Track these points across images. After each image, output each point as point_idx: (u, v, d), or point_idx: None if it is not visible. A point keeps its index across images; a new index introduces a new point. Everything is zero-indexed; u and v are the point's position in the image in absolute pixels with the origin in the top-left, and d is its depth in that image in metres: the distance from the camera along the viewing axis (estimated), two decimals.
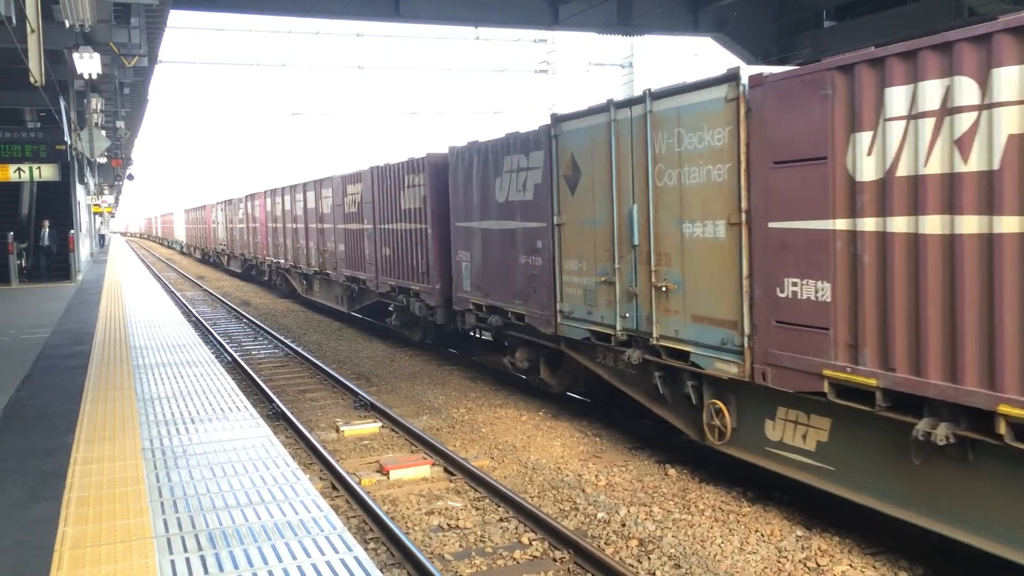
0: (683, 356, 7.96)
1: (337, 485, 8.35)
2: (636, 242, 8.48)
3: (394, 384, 13.39)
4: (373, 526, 7.25)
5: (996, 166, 5.12)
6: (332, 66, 61.85)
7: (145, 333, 11.77)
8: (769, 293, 6.87)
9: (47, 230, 22.47)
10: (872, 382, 5.96)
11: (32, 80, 9.18)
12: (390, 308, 16.79)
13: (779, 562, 6.39)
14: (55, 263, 22.41)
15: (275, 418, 11.02)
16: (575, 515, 7.48)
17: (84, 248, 28.62)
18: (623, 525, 7.16)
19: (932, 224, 5.52)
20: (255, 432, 6.29)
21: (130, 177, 46.07)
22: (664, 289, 8.08)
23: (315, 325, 21.00)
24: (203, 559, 3.99)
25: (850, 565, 6.28)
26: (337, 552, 4.04)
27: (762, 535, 6.89)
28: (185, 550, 4.10)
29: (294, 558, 3.98)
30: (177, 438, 6.15)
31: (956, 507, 5.70)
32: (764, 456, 7.43)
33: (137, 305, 15.56)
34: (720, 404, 7.77)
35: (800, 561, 6.39)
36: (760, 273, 6.95)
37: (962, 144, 5.32)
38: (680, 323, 7.94)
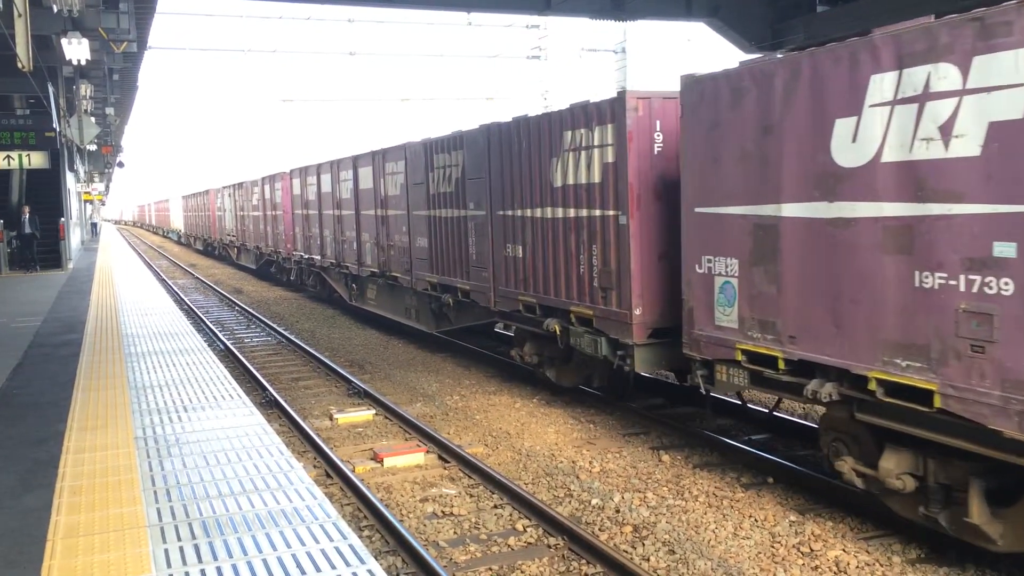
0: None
1: (331, 473, 8.34)
2: None
3: (388, 371, 13.37)
4: (367, 513, 7.24)
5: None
6: (323, 52, 61.50)
7: (137, 321, 11.72)
8: None
9: (27, 216, 21.66)
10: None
11: (20, 66, 9.09)
12: (514, 332, 11.62)
13: (773, 547, 6.41)
14: (40, 250, 22.17)
15: (268, 406, 11.00)
16: (569, 502, 7.49)
17: (75, 236, 28.45)
18: (617, 511, 7.17)
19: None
20: (248, 420, 6.27)
21: (120, 164, 45.81)
22: None
23: (308, 313, 20.94)
24: (196, 548, 3.97)
25: (843, 550, 6.31)
26: (331, 540, 4.03)
27: (756, 520, 6.91)
28: (179, 539, 4.09)
29: (288, 546, 3.96)
30: (170, 426, 6.13)
31: None
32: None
33: (129, 293, 15.49)
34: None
35: (794, 546, 6.41)
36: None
37: None
38: None
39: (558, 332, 9.86)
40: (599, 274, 9.09)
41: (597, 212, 9.03)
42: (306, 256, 21.88)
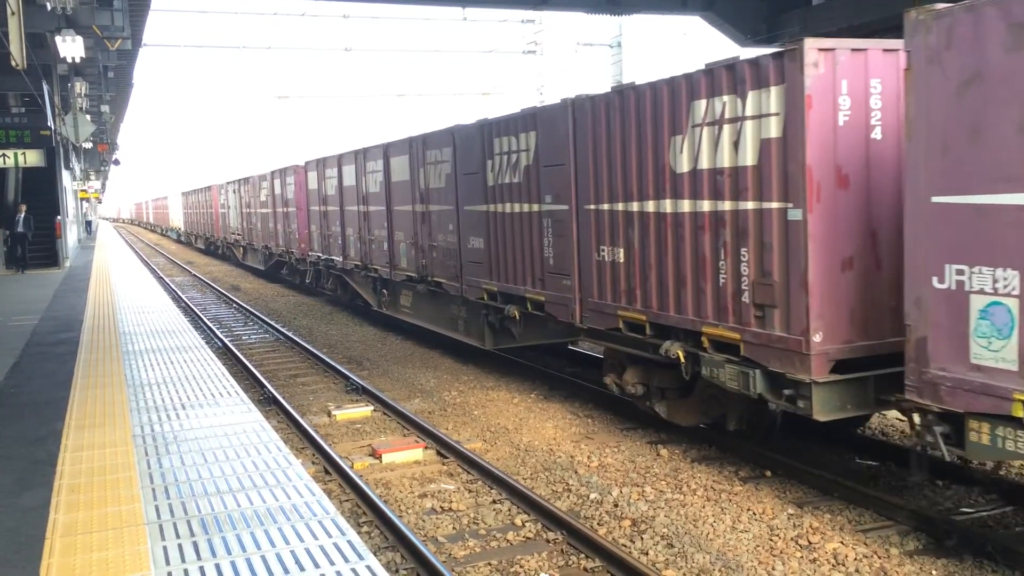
0: None
1: (329, 469, 8.35)
2: None
3: (385, 367, 13.37)
4: (366, 510, 7.25)
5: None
6: (318, 48, 61.38)
7: (134, 319, 11.71)
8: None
9: (22, 215, 21.22)
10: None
11: (14, 64, 9.07)
12: (604, 354, 9.63)
13: (771, 540, 6.43)
14: (35, 250, 22.03)
15: (266, 403, 11.00)
16: (568, 496, 7.50)
17: (71, 234, 28.40)
18: (616, 506, 7.18)
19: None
20: (246, 417, 6.27)
21: (116, 162, 45.71)
22: None
23: (305, 309, 20.93)
24: (195, 545, 3.98)
25: (841, 542, 6.32)
26: (330, 536, 4.03)
27: (754, 514, 6.92)
28: (177, 536, 4.09)
29: (287, 543, 3.97)
30: (168, 424, 6.12)
31: None
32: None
33: (126, 291, 15.47)
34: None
35: (792, 539, 6.43)
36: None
37: None
38: None
39: (682, 359, 7.77)
40: (754, 287, 6.95)
41: (750, 205, 6.94)
42: (324, 257, 19.52)
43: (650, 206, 8.14)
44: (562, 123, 9.43)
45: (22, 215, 21.28)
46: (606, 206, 8.81)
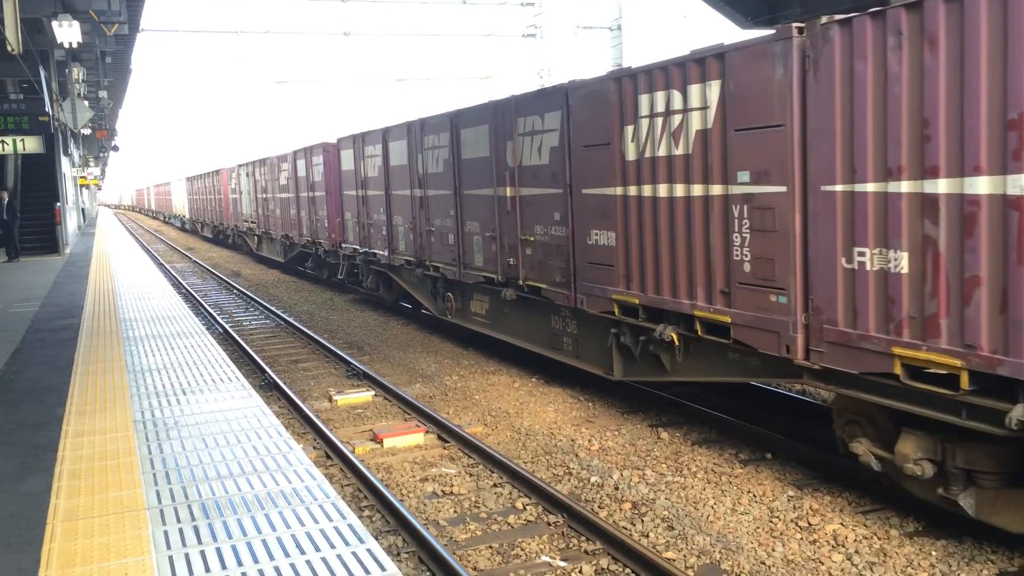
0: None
1: (331, 454, 8.37)
2: None
3: (386, 353, 13.38)
4: (367, 494, 7.27)
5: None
6: (317, 33, 61.11)
7: (135, 305, 11.71)
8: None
9: (6, 201, 20.41)
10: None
11: (10, 49, 9.03)
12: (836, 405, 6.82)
13: (771, 522, 6.45)
14: (29, 237, 21.80)
15: (267, 388, 11.02)
16: (569, 480, 7.51)
17: (71, 221, 28.38)
18: (616, 489, 7.20)
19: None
20: (247, 403, 6.28)
21: (115, 148, 45.63)
22: None
23: (306, 295, 20.94)
24: (196, 529, 3.99)
25: (841, 524, 6.34)
26: (331, 520, 4.04)
27: (754, 496, 6.94)
28: (178, 521, 4.10)
29: (288, 527, 3.98)
30: (168, 410, 6.13)
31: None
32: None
33: (126, 277, 15.47)
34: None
35: (792, 521, 6.45)
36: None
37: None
38: None
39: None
40: None
41: None
42: (363, 250, 16.71)
43: (981, 185, 5.13)
44: (777, 64, 6.54)
45: (5, 201, 20.49)
46: (873, 186, 5.84)
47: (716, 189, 7.32)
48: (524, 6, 30.95)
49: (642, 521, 6.52)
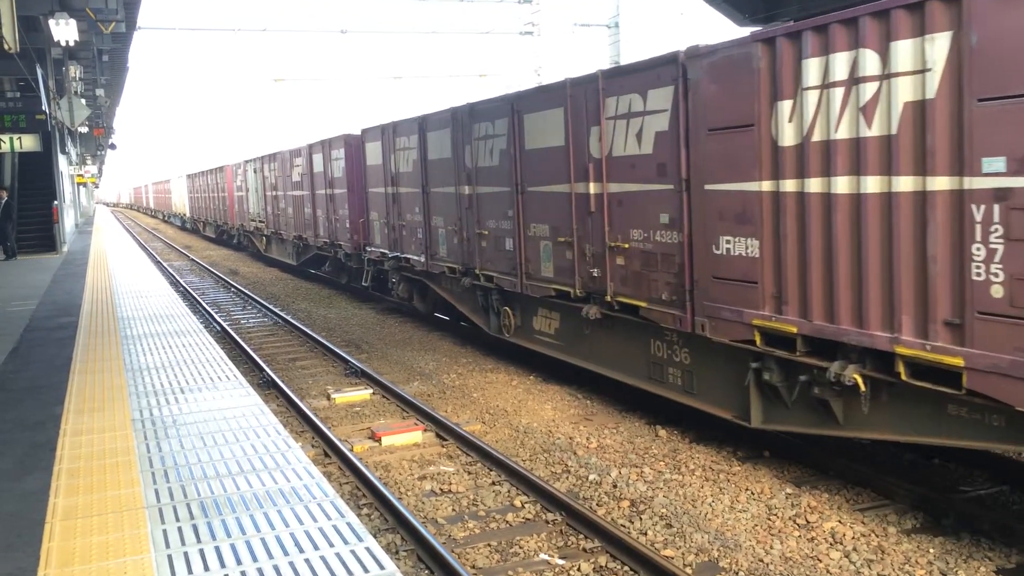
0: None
1: (329, 452, 8.37)
2: None
3: (384, 351, 13.38)
4: (366, 492, 7.27)
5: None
6: (314, 30, 61.03)
7: (133, 304, 11.70)
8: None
9: (3, 201, 20.11)
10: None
11: (6, 47, 9.01)
12: None
13: (769, 519, 6.46)
14: (27, 235, 21.73)
15: (265, 386, 11.01)
16: (567, 477, 7.52)
17: (69, 219, 28.34)
18: (614, 486, 7.21)
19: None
20: (245, 401, 6.28)
21: (112, 147, 45.58)
22: None
23: (304, 293, 20.92)
24: (195, 528, 3.99)
25: (839, 521, 6.35)
26: (330, 519, 4.04)
27: (752, 493, 6.95)
28: (177, 519, 4.10)
29: (287, 525, 3.98)
30: (167, 408, 6.13)
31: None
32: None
33: (124, 276, 15.45)
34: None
35: (790, 518, 6.46)
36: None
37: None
38: None
39: None
40: None
41: None
42: (392, 254, 14.92)
43: None
44: None
45: (3, 200, 20.25)
46: None
47: (940, 183, 5.47)
48: (521, 3, 30.94)
49: (640, 519, 6.53)
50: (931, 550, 5.90)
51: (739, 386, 7.48)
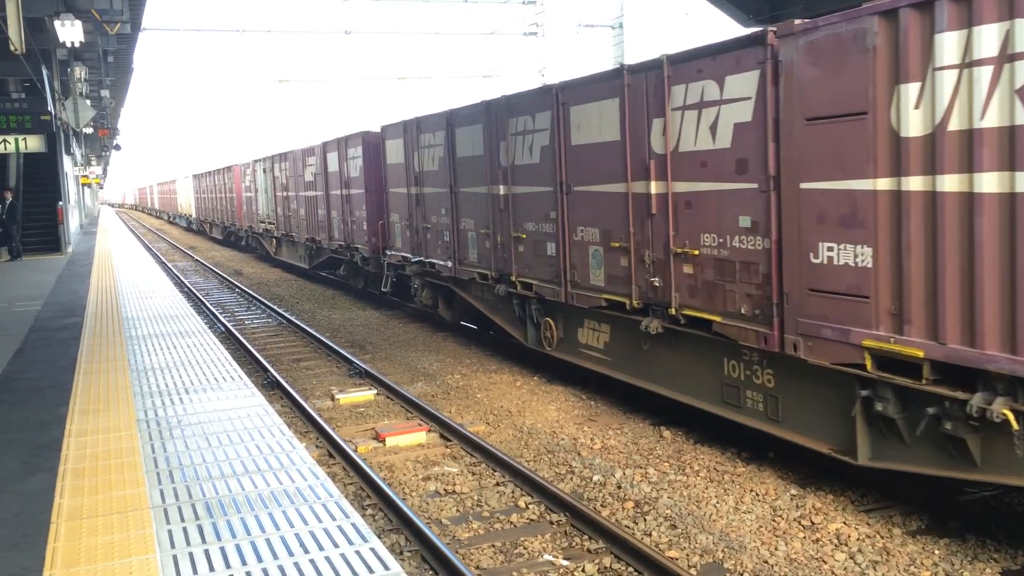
0: None
1: (333, 453, 8.37)
2: None
3: (388, 351, 13.38)
4: (370, 493, 7.27)
5: None
6: (318, 31, 61.12)
7: (137, 304, 11.72)
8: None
9: (8, 202, 20.13)
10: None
11: (12, 48, 9.03)
12: None
13: (774, 521, 6.45)
14: (32, 235, 21.75)
15: (270, 387, 11.03)
16: (571, 478, 7.52)
17: (73, 220, 28.39)
18: (619, 487, 7.20)
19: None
20: (250, 401, 6.28)
21: (117, 147, 45.66)
22: None
23: (308, 294, 20.94)
24: (200, 528, 3.99)
25: (844, 523, 6.34)
26: (334, 519, 4.04)
27: (757, 495, 6.94)
28: (182, 520, 4.10)
29: (291, 526, 3.98)
30: (172, 409, 6.14)
31: None
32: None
33: (129, 276, 15.48)
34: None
35: (795, 520, 6.45)
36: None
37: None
38: None
39: None
40: None
41: None
42: (415, 259, 14.11)
43: None
44: None
45: (8, 201, 20.29)
46: None
47: None
48: (526, 4, 30.93)
49: (645, 520, 6.53)
50: (936, 551, 5.88)
51: (841, 416, 6.49)
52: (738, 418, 7.62)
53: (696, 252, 7.61)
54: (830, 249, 6.23)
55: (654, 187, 8.10)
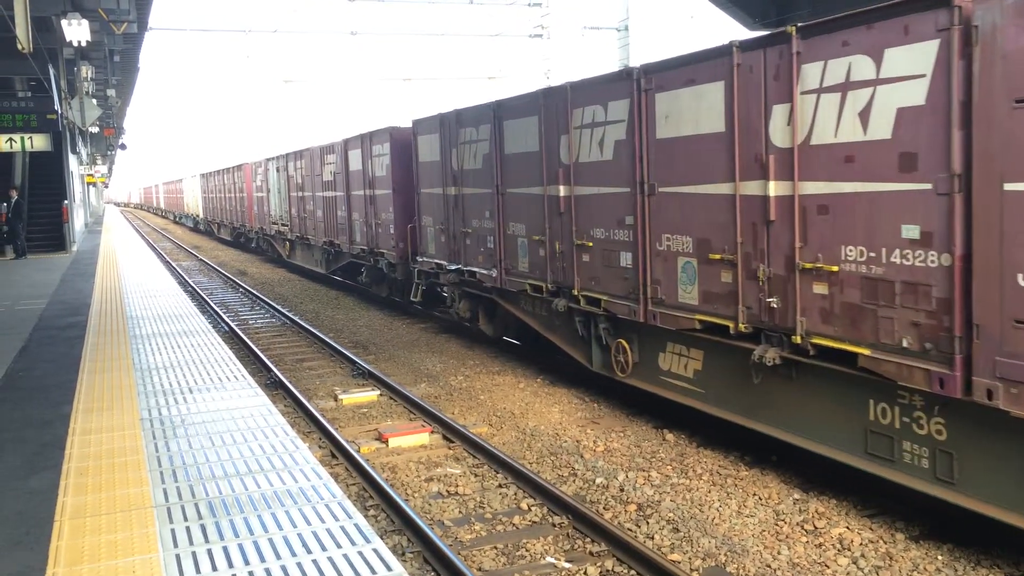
0: None
1: (336, 453, 8.38)
2: None
3: (392, 352, 13.39)
4: (373, 493, 7.28)
5: None
6: (324, 32, 61.21)
7: (141, 303, 11.74)
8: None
9: (14, 200, 20.18)
10: None
11: (19, 47, 9.06)
12: None
13: (776, 525, 6.44)
14: (37, 234, 21.82)
15: (273, 387, 11.04)
16: (574, 481, 7.51)
17: (78, 219, 28.46)
18: (621, 490, 7.19)
19: None
20: (253, 401, 6.29)
21: (122, 147, 45.79)
22: None
23: (312, 294, 20.96)
24: (203, 528, 4.00)
25: (847, 527, 6.33)
26: (337, 520, 4.05)
27: (760, 498, 6.93)
28: (185, 519, 4.11)
29: (294, 526, 3.98)
30: (175, 408, 6.15)
31: None
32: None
33: (133, 275, 15.51)
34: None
35: (797, 524, 6.44)
36: None
37: None
38: None
39: None
40: None
41: None
42: (452, 267, 12.91)
43: None
44: None
45: (14, 200, 20.29)
46: None
47: None
48: (531, 6, 30.98)
49: (647, 523, 6.52)
50: (939, 557, 5.87)
51: None
52: (892, 476, 6.18)
53: (834, 268, 6.23)
54: None
55: (773, 188, 6.67)
